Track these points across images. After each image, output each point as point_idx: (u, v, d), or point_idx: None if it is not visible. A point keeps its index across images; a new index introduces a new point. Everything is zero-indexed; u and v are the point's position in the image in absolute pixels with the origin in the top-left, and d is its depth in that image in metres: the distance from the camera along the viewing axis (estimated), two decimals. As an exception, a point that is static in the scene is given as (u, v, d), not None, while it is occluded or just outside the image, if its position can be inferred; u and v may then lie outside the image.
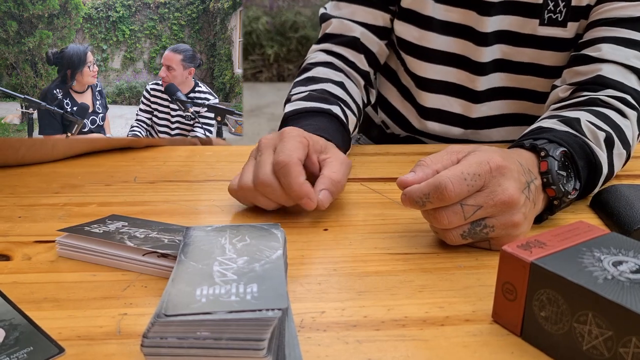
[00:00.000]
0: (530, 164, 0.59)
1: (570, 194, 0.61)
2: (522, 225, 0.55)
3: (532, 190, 0.56)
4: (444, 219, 0.53)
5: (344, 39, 0.90)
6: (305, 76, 0.86)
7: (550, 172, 0.59)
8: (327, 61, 0.89)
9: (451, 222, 0.53)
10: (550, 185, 0.59)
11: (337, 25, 0.91)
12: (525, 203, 0.55)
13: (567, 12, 0.82)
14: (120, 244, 0.52)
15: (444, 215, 0.53)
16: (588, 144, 0.66)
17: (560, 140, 0.63)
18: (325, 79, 0.84)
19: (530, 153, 0.61)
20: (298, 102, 0.78)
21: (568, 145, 0.63)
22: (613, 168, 0.71)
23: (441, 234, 0.56)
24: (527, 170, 0.57)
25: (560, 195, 0.59)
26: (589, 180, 0.66)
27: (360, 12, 0.90)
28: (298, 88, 0.83)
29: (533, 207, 0.57)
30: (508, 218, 0.54)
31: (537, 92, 0.89)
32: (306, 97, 0.79)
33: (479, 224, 0.54)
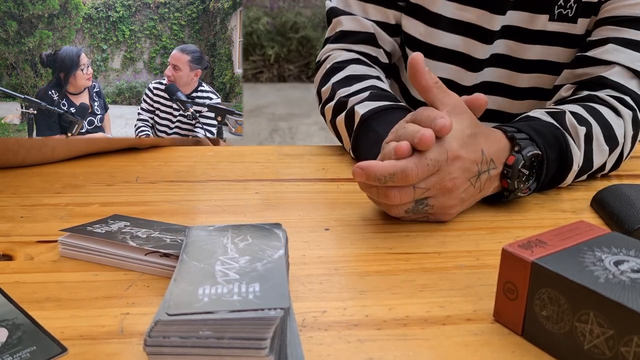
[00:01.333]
0: (499, 153, 0.63)
1: (522, 191, 0.65)
2: (457, 206, 0.62)
3: (481, 179, 0.62)
4: (396, 197, 0.58)
5: (360, 37, 0.89)
6: (344, 75, 0.84)
7: (513, 167, 0.63)
8: (354, 58, 0.88)
9: (402, 200, 0.59)
10: (506, 177, 0.63)
11: (351, 23, 0.90)
12: (467, 189, 0.61)
13: (577, 7, 0.82)
14: (122, 244, 0.52)
15: (397, 194, 0.58)
16: (565, 138, 0.68)
17: (539, 140, 0.65)
18: (366, 76, 0.83)
19: (506, 141, 0.64)
20: (367, 102, 0.76)
21: (544, 139, 0.66)
22: (592, 163, 0.72)
23: (385, 208, 0.62)
24: (488, 160, 0.62)
25: (512, 189, 0.64)
26: (558, 173, 0.69)
27: (371, 10, 0.89)
28: (345, 89, 0.81)
29: (478, 193, 0.63)
30: (447, 201, 0.60)
31: (542, 89, 0.89)
32: (370, 96, 0.77)
33: (422, 202, 0.60)
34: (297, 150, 0.87)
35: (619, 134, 0.74)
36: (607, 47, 0.78)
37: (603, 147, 0.72)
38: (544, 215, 0.67)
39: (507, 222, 0.65)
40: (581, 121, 0.71)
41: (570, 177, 0.71)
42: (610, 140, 0.73)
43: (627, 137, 0.75)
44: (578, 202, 0.70)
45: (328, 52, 0.91)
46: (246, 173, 0.77)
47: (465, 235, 0.61)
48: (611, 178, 0.79)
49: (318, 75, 0.90)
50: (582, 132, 0.70)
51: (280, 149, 0.88)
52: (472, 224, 0.64)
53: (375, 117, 0.74)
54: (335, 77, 0.85)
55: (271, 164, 0.81)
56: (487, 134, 0.63)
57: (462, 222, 0.64)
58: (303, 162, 0.83)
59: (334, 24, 0.92)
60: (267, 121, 4.09)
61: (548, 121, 0.70)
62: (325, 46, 0.93)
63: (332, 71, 0.86)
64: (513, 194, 0.65)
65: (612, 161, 0.75)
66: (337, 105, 0.81)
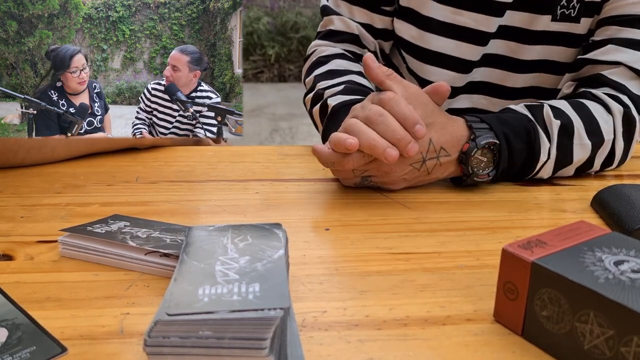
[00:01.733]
0: (453, 141, 0.68)
1: (480, 177, 0.70)
2: (401, 183, 0.70)
3: (427, 165, 0.68)
4: (340, 175, 0.70)
5: (346, 37, 0.93)
6: (326, 69, 0.88)
7: (467, 154, 0.68)
8: (339, 52, 0.91)
9: (345, 178, 0.70)
10: (462, 163, 0.69)
11: (339, 23, 0.93)
12: (410, 172, 0.68)
13: (580, 7, 0.82)
14: (122, 244, 0.52)
15: (340, 174, 0.70)
16: (535, 129, 0.71)
17: (500, 129, 0.69)
18: (347, 71, 0.86)
19: (466, 130, 0.69)
20: (340, 96, 0.80)
21: (511, 129, 0.70)
22: (571, 156, 0.74)
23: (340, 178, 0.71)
24: (438, 149, 0.67)
25: (468, 174, 0.69)
26: (527, 163, 0.73)
27: (357, 12, 0.93)
28: (325, 82, 0.85)
29: (426, 175, 0.69)
30: (388, 179, 0.69)
31: (542, 88, 0.89)
32: (344, 90, 0.81)
33: (366, 179, 0.69)
34: (298, 150, 0.88)
35: (605, 129, 0.74)
36: (610, 47, 0.78)
37: (584, 141, 0.73)
38: (544, 215, 0.67)
39: (507, 222, 0.65)
40: (559, 115, 0.73)
41: (546, 168, 0.73)
42: (593, 135, 0.74)
43: (617, 133, 0.75)
44: (578, 202, 0.70)
45: (316, 46, 0.95)
46: (246, 173, 0.77)
47: (465, 236, 0.61)
48: (611, 178, 0.79)
49: (305, 67, 0.95)
50: (556, 124, 0.72)
51: (280, 149, 0.88)
52: (472, 224, 0.64)
53: (345, 109, 0.76)
54: (318, 70, 0.89)
55: (271, 164, 0.81)
56: (444, 124, 0.68)
57: (462, 222, 0.64)
58: (303, 162, 0.83)
59: (325, 22, 0.96)
60: (268, 121, 4.09)
61: (522, 113, 0.73)
62: (315, 40, 0.97)
63: (316, 64, 0.90)
64: (470, 178, 0.70)
65: (602, 157, 0.76)
66: (315, 97, 0.85)
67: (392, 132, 0.63)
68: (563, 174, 0.76)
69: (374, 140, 0.63)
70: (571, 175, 0.76)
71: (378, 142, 0.63)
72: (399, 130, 0.63)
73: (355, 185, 0.71)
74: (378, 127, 0.64)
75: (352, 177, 0.69)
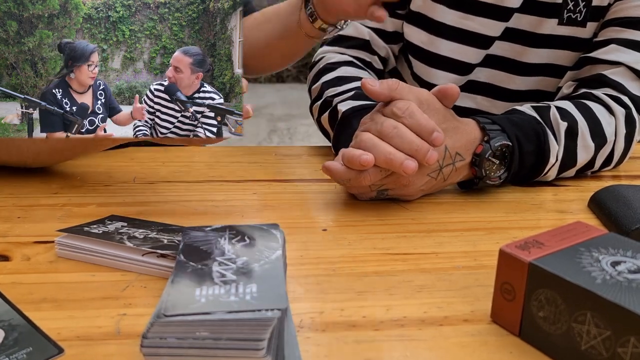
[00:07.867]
0: (467, 145, 0.67)
1: (492, 180, 0.69)
2: (418, 194, 0.68)
3: (444, 172, 0.66)
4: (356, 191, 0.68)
5: (356, 42, 0.91)
6: (335, 76, 0.86)
7: (481, 156, 0.67)
8: (347, 60, 0.89)
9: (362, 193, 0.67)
10: (475, 165, 0.67)
11: (350, 28, 0.91)
12: (428, 182, 0.66)
13: (587, 11, 0.82)
14: (119, 244, 0.52)
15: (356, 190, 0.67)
16: (545, 131, 0.70)
17: (512, 131, 0.68)
18: (356, 77, 0.85)
19: (479, 132, 0.68)
20: (350, 101, 0.79)
21: (521, 131, 0.69)
22: (575, 158, 0.73)
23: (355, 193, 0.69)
24: (453, 155, 0.66)
25: (481, 177, 0.68)
26: (536, 165, 0.72)
27: None
28: (333, 89, 0.83)
29: (442, 182, 0.68)
30: (405, 192, 0.67)
31: (544, 92, 0.89)
32: (354, 95, 0.80)
33: (382, 193, 0.67)
34: (296, 151, 0.87)
35: (608, 131, 0.74)
36: (611, 48, 0.78)
37: (588, 143, 0.73)
38: (541, 215, 0.67)
39: (504, 223, 0.65)
40: (565, 116, 0.72)
41: (552, 171, 0.73)
42: (597, 137, 0.73)
43: (619, 134, 0.75)
44: (576, 202, 0.70)
45: (323, 53, 0.93)
46: (244, 173, 0.77)
47: (462, 236, 0.61)
48: (609, 179, 0.79)
49: (311, 74, 0.93)
50: (563, 126, 0.71)
51: (278, 150, 0.88)
52: (469, 225, 0.64)
53: (355, 115, 0.75)
54: (325, 77, 0.87)
55: (269, 165, 0.81)
56: (457, 127, 0.66)
57: (459, 223, 0.64)
58: (301, 163, 0.83)
59: None
60: (266, 122, 4.09)
61: (530, 114, 0.72)
62: (322, 47, 0.95)
63: (323, 71, 0.89)
64: (482, 181, 0.69)
65: (602, 158, 0.76)
66: (323, 104, 0.83)
67: (408, 144, 0.61)
68: (565, 176, 0.76)
69: (390, 154, 0.61)
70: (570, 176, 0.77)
71: (395, 156, 0.61)
72: (415, 140, 0.61)
73: (371, 199, 0.68)
74: (393, 140, 0.61)
75: (368, 192, 0.67)
